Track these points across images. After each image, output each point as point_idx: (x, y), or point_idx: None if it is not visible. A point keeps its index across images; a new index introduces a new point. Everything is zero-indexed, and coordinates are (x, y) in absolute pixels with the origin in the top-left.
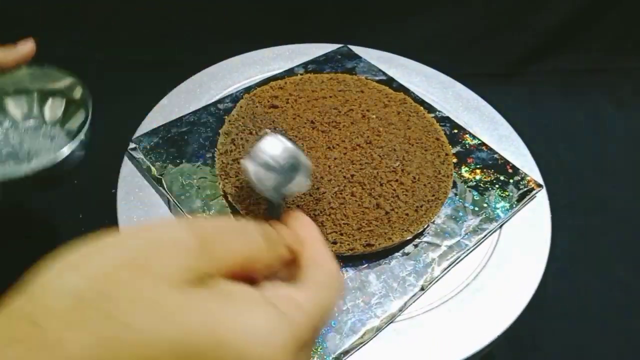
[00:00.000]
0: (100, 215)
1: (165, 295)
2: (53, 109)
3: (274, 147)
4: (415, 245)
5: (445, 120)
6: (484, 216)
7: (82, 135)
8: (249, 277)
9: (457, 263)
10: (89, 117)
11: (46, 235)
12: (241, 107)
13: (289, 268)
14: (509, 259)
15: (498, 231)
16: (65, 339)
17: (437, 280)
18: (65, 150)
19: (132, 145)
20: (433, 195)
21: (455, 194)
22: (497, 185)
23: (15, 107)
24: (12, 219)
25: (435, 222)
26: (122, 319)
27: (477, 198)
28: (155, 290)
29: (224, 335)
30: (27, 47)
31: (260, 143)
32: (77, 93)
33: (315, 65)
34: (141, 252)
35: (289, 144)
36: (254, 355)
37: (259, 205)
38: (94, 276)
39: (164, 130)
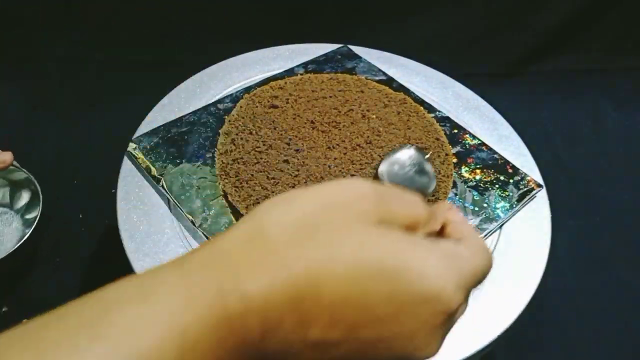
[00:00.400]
0: (100, 215)
1: (363, 228)
2: (19, 198)
3: (403, 155)
4: None
5: (445, 120)
6: (484, 216)
7: (27, 234)
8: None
9: None
10: (40, 209)
11: (46, 235)
12: (241, 107)
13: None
14: (509, 259)
15: (498, 231)
16: (284, 250)
17: None
18: (11, 247)
19: (132, 145)
20: (433, 195)
21: (455, 194)
22: (497, 185)
23: None
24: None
25: None
26: (330, 243)
27: (477, 198)
28: (355, 224)
29: (407, 265)
30: (7, 159)
31: (395, 153)
32: (33, 186)
33: (315, 65)
34: (338, 196)
35: (415, 153)
36: (428, 286)
37: (259, 205)
38: (307, 211)
39: (164, 130)
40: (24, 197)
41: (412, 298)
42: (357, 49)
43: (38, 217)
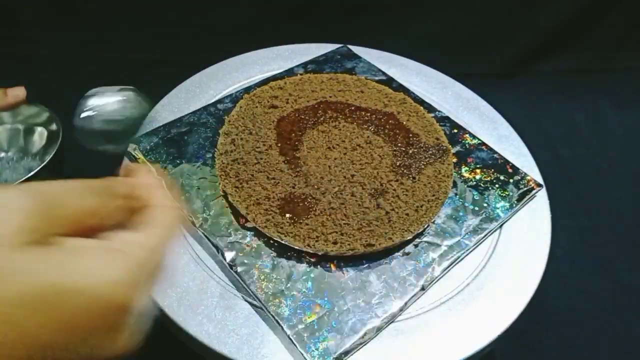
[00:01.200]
0: None
1: (5, 257)
2: (36, 141)
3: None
4: (416, 245)
5: (445, 120)
6: (484, 216)
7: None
8: (95, 230)
9: (457, 263)
10: (57, 146)
11: None
12: (241, 107)
13: (141, 214)
14: (509, 259)
15: (498, 231)
16: None
17: (438, 280)
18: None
19: (132, 146)
20: (433, 195)
21: (455, 194)
22: (497, 185)
23: (2, 139)
24: None
25: (435, 222)
26: None
27: (477, 198)
28: None
29: (64, 280)
30: (20, 94)
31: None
32: (54, 126)
33: (315, 65)
34: None
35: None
36: (90, 290)
37: (259, 205)
38: None
39: (163, 131)
40: (39, 141)
41: (72, 319)
42: (357, 49)
43: (57, 147)
